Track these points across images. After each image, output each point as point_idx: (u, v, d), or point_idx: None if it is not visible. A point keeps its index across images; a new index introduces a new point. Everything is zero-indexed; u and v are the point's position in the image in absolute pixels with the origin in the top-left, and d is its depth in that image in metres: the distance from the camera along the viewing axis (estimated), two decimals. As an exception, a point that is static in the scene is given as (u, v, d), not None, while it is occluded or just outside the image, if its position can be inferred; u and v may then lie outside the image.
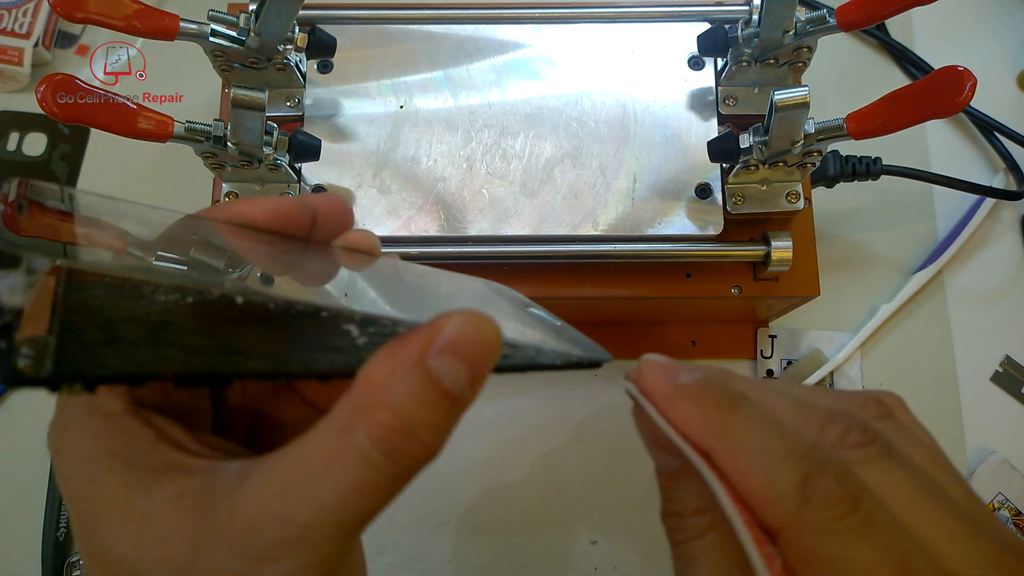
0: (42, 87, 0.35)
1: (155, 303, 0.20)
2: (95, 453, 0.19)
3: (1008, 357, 0.53)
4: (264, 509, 0.18)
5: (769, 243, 0.42)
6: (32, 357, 0.16)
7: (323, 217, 0.25)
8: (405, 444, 0.18)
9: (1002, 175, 0.56)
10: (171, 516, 0.18)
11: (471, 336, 0.18)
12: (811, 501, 0.18)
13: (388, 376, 0.18)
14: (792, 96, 0.36)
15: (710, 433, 0.20)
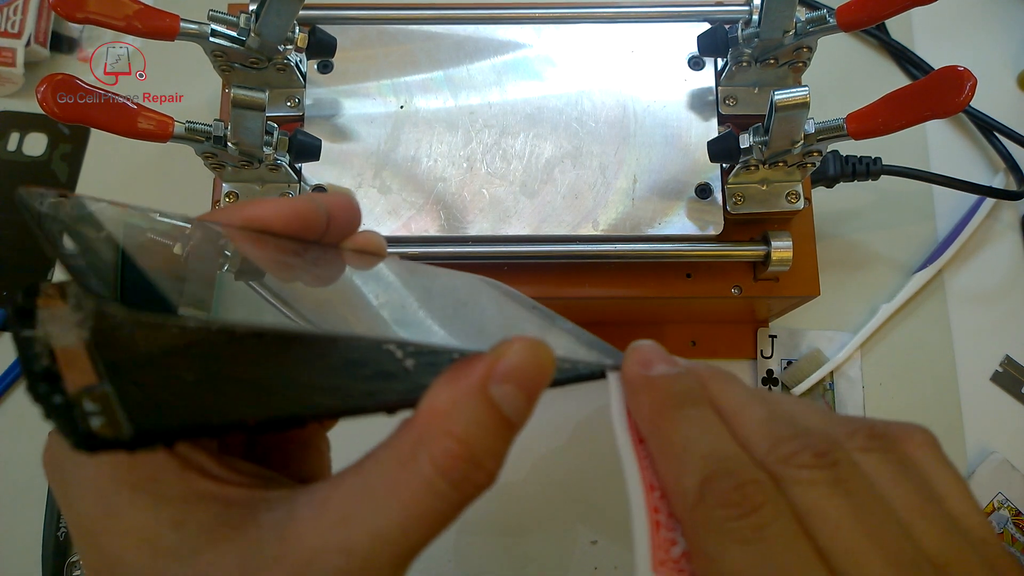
0: (42, 87, 0.35)
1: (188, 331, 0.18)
2: (113, 486, 0.18)
3: (1008, 357, 0.53)
4: (322, 540, 0.17)
5: (769, 243, 0.42)
6: (101, 413, 0.13)
7: (337, 217, 0.24)
8: (470, 472, 0.18)
9: (1002, 175, 0.56)
10: (209, 552, 0.17)
11: (530, 364, 0.19)
12: (705, 499, 0.18)
13: (452, 404, 0.18)
14: (792, 96, 0.36)
15: (649, 425, 0.21)
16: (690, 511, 0.19)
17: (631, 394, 0.22)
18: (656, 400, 0.21)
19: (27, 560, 0.47)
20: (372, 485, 0.18)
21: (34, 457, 0.49)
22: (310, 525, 0.17)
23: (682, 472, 0.19)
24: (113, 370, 0.15)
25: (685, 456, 0.20)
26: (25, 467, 0.49)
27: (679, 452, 0.20)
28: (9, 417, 0.51)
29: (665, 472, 0.20)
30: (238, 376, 0.17)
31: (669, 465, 0.20)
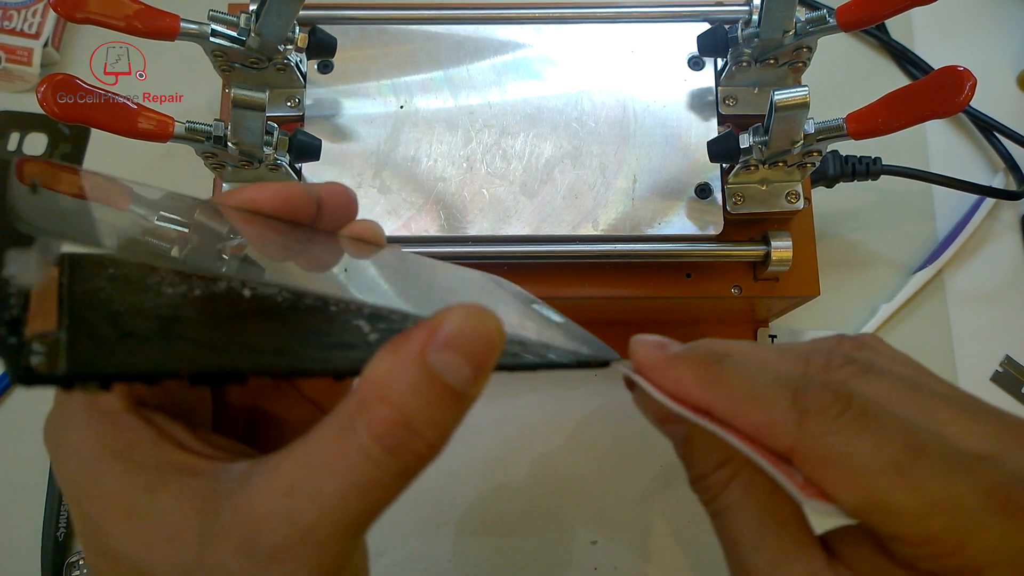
0: (42, 87, 0.35)
1: (163, 296, 0.19)
2: (97, 453, 0.19)
3: (1008, 357, 0.53)
4: (269, 509, 0.18)
5: (769, 243, 0.42)
6: (45, 354, 0.15)
7: (328, 204, 0.25)
8: (407, 440, 0.18)
9: (1002, 175, 0.56)
10: (177, 516, 0.18)
11: (473, 331, 0.18)
12: (806, 412, 0.19)
13: (389, 372, 0.18)
14: (792, 96, 0.36)
15: (704, 388, 0.21)
16: (798, 429, 0.19)
17: (665, 375, 0.22)
18: (697, 366, 0.22)
19: (27, 560, 0.47)
20: (316, 454, 0.18)
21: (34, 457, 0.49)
22: (259, 494, 0.18)
23: (769, 405, 0.20)
24: (75, 323, 0.17)
25: (761, 392, 0.20)
26: (25, 467, 0.49)
27: (752, 393, 0.20)
28: (9, 417, 0.51)
29: (751, 416, 0.20)
30: (191, 335, 0.18)
31: (751, 408, 0.20)
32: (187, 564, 0.18)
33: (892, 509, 0.18)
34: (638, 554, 0.48)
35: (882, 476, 0.18)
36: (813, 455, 0.19)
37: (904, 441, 0.19)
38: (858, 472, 0.18)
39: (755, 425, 0.20)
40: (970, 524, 0.18)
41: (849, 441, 0.19)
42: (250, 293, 0.21)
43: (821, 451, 0.19)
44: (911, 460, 0.18)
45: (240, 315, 0.20)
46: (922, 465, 0.18)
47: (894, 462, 0.18)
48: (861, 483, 0.18)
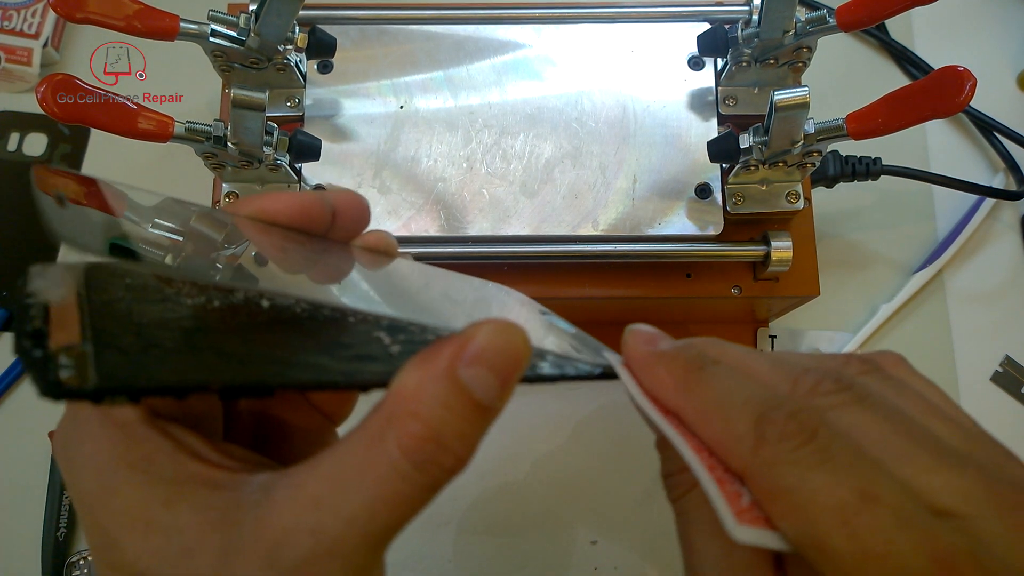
0: (42, 87, 0.35)
1: (182, 306, 0.19)
2: (111, 465, 0.19)
3: (1008, 357, 0.53)
4: (294, 522, 0.17)
5: (769, 243, 0.42)
6: (73, 367, 0.15)
7: (342, 214, 0.25)
8: (436, 454, 0.18)
9: (1002, 175, 0.56)
10: (195, 530, 0.18)
11: (501, 346, 0.19)
12: (765, 437, 0.19)
13: (419, 386, 0.18)
14: (792, 96, 0.36)
15: (678, 393, 0.21)
16: (753, 454, 0.19)
17: (646, 372, 0.22)
18: (676, 369, 0.21)
19: (27, 560, 0.47)
20: (342, 468, 0.18)
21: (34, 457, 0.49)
22: (284, 507, 0.18)
23: (731, 422, 0.19)
24: (98, 335, 0.16)
25: (728, 408, 0.20)
26: (25, 467, 0.49)
27: (720, 406, 0.20)
28: (9, 417, 0.51)
29: (712, 429, 0.20)
30: (217, 346, 0.18)
31: (714, 421, 0.20)
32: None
33: (828, 551, 0.17)
34: (638, 554, 0.48)
35: (824, 516, 0.17)
36: (763, 481, 0.19)
37: (859, 485, 0.17)
38: (802, 507, 0.18)
39: (714, 440, 0.20)
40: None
41: (802, 474, 0.18)
42: (268, 304, 0.21)
43: (770, 479, 0.18)
44: (860, 506, 0.17)
45: (260, 326, 0.20)
46: (869, 513, 0.17)
47: (841, 505, 0.17)
48: (803, 518, 0.18)
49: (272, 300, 0.21)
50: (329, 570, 0.17)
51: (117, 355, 0.16)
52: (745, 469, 0.19)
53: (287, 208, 0.23)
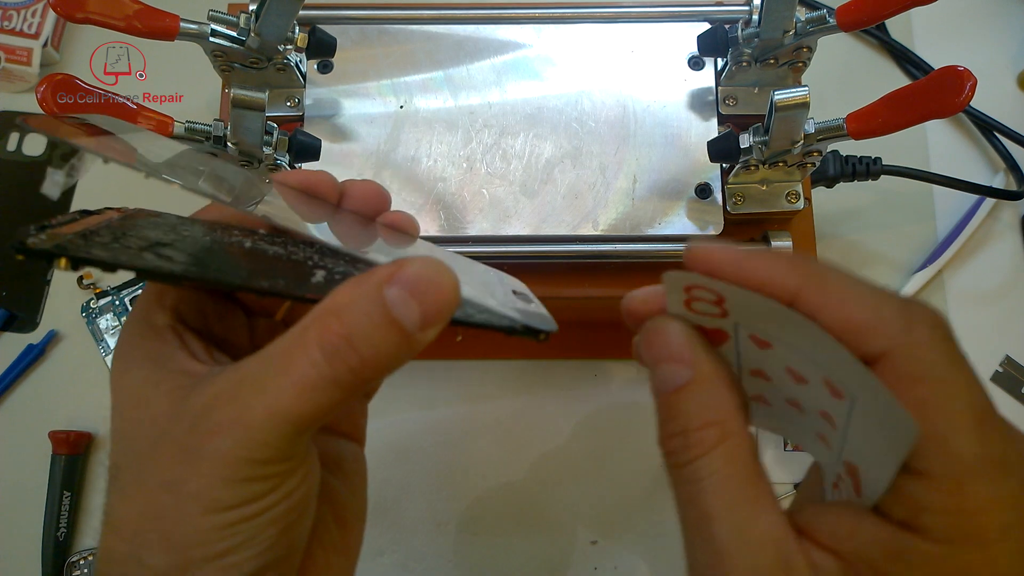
0: (42, 87, 0.35)
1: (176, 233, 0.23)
2: (134, 353, 0.23)
3: (1008, 357, 0.53)
4: (220, 392, 0.20)
5: (769, 243, 0.42)
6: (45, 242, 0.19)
7: (351, 195, 0.29)
8: (344, 350, 0.20)
9: (1002, 175, 0.56)
10: (162, 403, 0.21)
11: (428, 278, 0.20)
12: (917, 321, 0.19)
13: (347, 295, 0.20)
14: (792, 96, 0.36)
15: (797, 276, 0.20)
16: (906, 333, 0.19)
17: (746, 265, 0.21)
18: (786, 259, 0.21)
19: (27, 561, 0.47)
20: (269, 352, 0.21)
21: (34, 457, 0.49)
22: (217, 381, 0.21)
23: (874, 304, 0.19)
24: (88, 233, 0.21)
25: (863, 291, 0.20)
26: (25, 467, 0.49)
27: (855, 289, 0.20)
28: (9, 417, 0.51)
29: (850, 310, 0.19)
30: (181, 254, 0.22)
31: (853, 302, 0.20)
32: (156, 437, 0.21)
33: (950, 450, 0.18)
34: (638, 554, 0.48)
35: (964, 413, 0.18)
36: (911, 364, 0.19)
37: (987, 397, 0.19)
38: (946, 398, 0.18)
39: (854, 319, 0.19)
40: (1006, 497, 0.18)
41: (950, 368, 0.18)
42: (250, 244, 0.24)
43: (921, 363, 0.19)
44: (992, 416, 0.18)
45: (224, 254, 0.23)
46: (997, 426, 0.18)
47: (981, 409, 0.18)
48: (943, 409, 0.18)
49: (256, 244, 0.24)
50: (236, 434, 0.20)
51: (80, 240, 0.20)
52: (891, 349, 0.19)
53: (299, 178, 0.28)
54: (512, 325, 0.22)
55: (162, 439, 0.21)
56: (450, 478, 0.49)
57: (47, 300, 0.52)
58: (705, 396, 0.21)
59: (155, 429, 0.21)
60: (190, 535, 0.20)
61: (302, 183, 0.28)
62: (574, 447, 0.50)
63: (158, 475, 0.21)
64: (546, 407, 0.50)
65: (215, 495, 0.20)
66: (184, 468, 0.20)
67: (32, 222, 0.20)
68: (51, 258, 0.19)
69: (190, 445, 0.20)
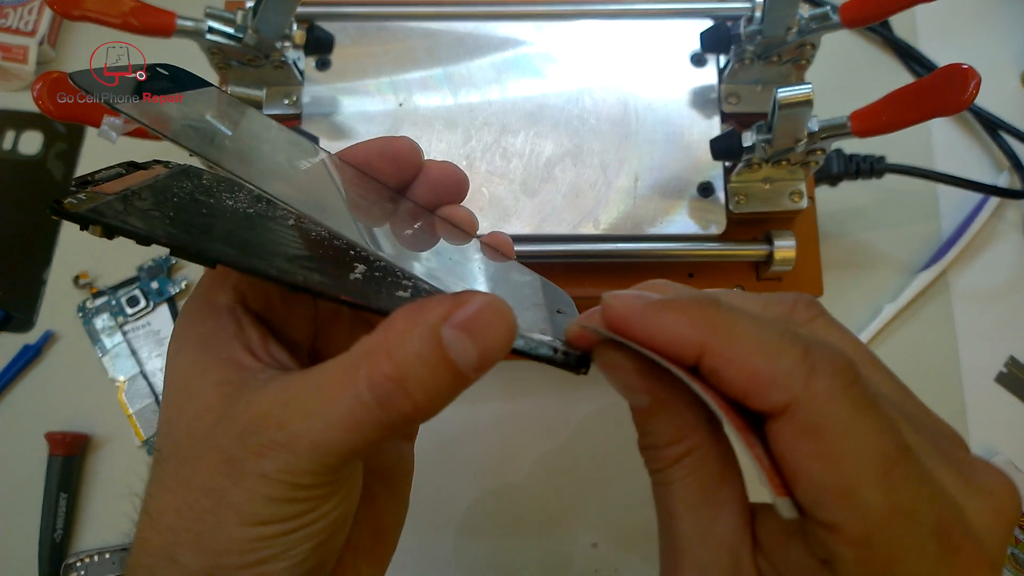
0: (38, 85, 0.35)
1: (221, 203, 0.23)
2: (189, 334, 0.23)
3: (1012, 358, 0.52)
4: (267, 411, 0.20)
5: (772, 242, 0.42)
6: (82, 203, 0.19)
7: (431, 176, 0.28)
8: (396, 396, 0.19)
9: (1006, 174, 0.55)
10: (209, 396, 0.21)
11: (488, 321, 0.20)
12: (817, 369, 0.18)
13: (403, 331, 0.20)
14: (795, 93, 0.36)
15: (701, 331, 0.20)
16: (804, 384, 0.18)
17: (652, 320, 0.21)
18: (691, 308, 0.20)
19: (24, 562, 0.47)
20: (320, 379, 0.20)
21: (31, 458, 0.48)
22: (267, 396, 0.20)
23: (775, 354, 0.19)
24: (130, 196, 0.20)
25: (770, 338, 0.19)
26: (22, 468, 0.49)
27: (761, 337, 0.19)
28: (6, 418, 0.50)
29: (753, 360, 0.19)
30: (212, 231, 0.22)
31: (753, 353, 0.19)
32: (199, 436, 0.21)
33: (856, 502, 0.17)
34: (639, 556, 0.47)
35: (867, 463, 0.17)
36: (809, 416, 0.18)
37: (896, 440, 0.18)
38: (847, 450, 0.17)
39: (755, 372, 0.19)
40: (915, 546, 0.17)
41: (851, 416, 0.18)
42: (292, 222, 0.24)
43: (819, 414, 0.18)
44: (898, 460, 0.17)
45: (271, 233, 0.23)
46: (904, 470, 0.17)
47: (884, 456, 0.17)
48: (844, 461, 0.17)
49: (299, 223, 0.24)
50: (279, 459, 0.20)
51: (120, 204, 0.20)
52: (792, 402, 0.18)
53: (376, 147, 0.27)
54: (552, 357, 0.22)
55: (207, 440, 0.21)
56: (449, 479, 0.49)
57: (43, 299, 0.52)
58: (666, 418, 0.22)
59: (199, 424, 0.21)
60: (224, 542, 0.20)
61: (384, 150, 0.27)
62: (574, 448, 0.49)
63: (199, 479, 0.20)
64: (546, 408, 0.50)
65: (255, 510, 0.20)
66: (227, 479, 0.20)
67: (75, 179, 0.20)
68: (86, 223, 0.19)
69: (235, 457, 0.20)
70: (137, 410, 0.50)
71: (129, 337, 0.51)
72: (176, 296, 0.52)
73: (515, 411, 0.50)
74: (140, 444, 0.49)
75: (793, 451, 0.18)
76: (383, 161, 0.27)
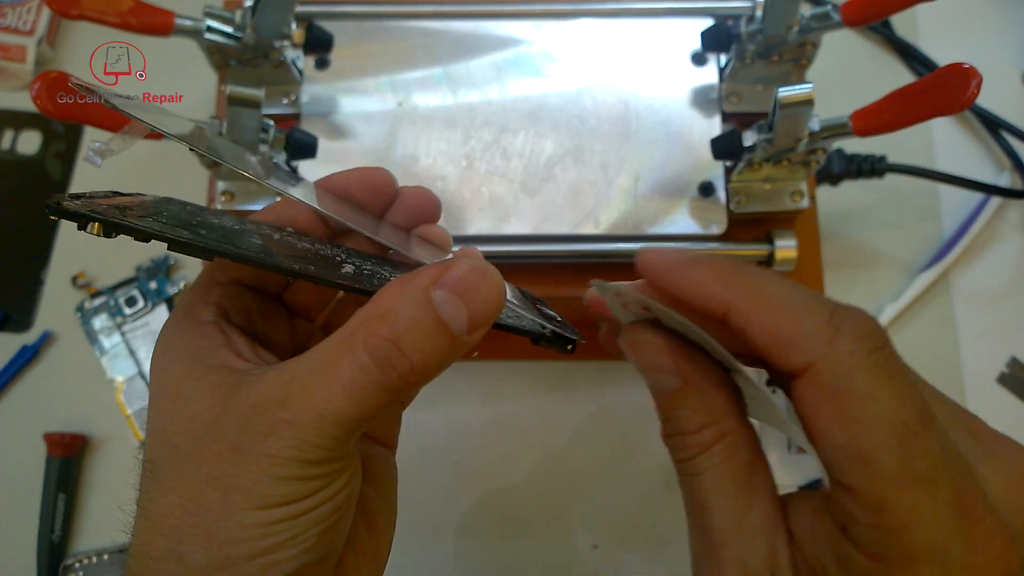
0: (36, 84, 0.35)
1: (209, 222, 0.23)
2: (176, 347, 0.23)
3: (1014, 359, 0.52)
4: (269, 394, 0.20)
5: (773, 242, 0.42)
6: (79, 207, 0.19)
7: (407, 200, 0.28)
8: (393, 355, 0.20)
9: (1008, 173, 0.55)
10: (205, 398, 0.21)
11: (476, 281, 0.21)
12: (841, 332, 0.18)
13: (394, 297, 0.20)
14: (796, 92, 0.36)
15: (729, 288, 0.20)
16: (827, 345, 0.18)
17: (684, 273, 0.21)
18: (722, 267, 0.21)
19: (22, 563, 0.47)
20: (317, 355, 0.21)
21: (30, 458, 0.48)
22: (265, 382, 0.21)
23: (801, 315, 0.19)
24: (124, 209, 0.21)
25: (796, 299, 0.19)
26: (21, 468, 0.49)
27: (788, 297, 0.20)
28: (3, 419, 0.50)
29: (776, 321, 0.19)
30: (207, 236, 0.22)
31: (779, 313, 0.19)
32: (199, 435, 0.21)
33: (873, 466, 0.17)
34: (640, 558, 0.47)
35: (886, 429, 0.17)
36: (831, 377, 0.18)
37: (921, 407, 0.18)
38: (867, 414, 0.18)
39: (780, 331, 0.19)
40: (930, 514, 0.17)
41: (875, 380, 0.18)
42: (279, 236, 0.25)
43: (840, 377, 0.18)
44: (919, 429, 0.17)
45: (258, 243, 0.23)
46: (926, 438, 0.18)
47: (905, 423, 0.17)
48: (864, 425, 0.18)
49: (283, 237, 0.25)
50: (287, 436, 0.20)
51: (117, 212, 0.20)
52: (813, 362, 0.19)
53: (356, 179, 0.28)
54: (542, 331, 0.23)
55: (208, 435, 0.21)
56: (449, 481, 0.48)
57: (41, 299, 0.52)
58: (697, 401, 0.22)
59: (197, 425, 0.21)
60: (234, 530, 0.20)
61: (361, 180, 0.28)
62: (575, 449, 0.49)
63: (204, 470, 0.21)
64: (546, 409, 0.50)
65: (264, 491, 0.20)
66: (233, 465, 0.20)
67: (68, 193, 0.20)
68: (86, 221, 0.19)
69: (240, 443, 0.20)
70: (136, 410, 0.49)
71: (127, 337, 0.51)
72: (174, 296, 0.52)
73: (515, 412, 0.49)
74: (139, 444, 0.49)
75: (813, 411, 0.18)
76: (361, 192, 0.28)
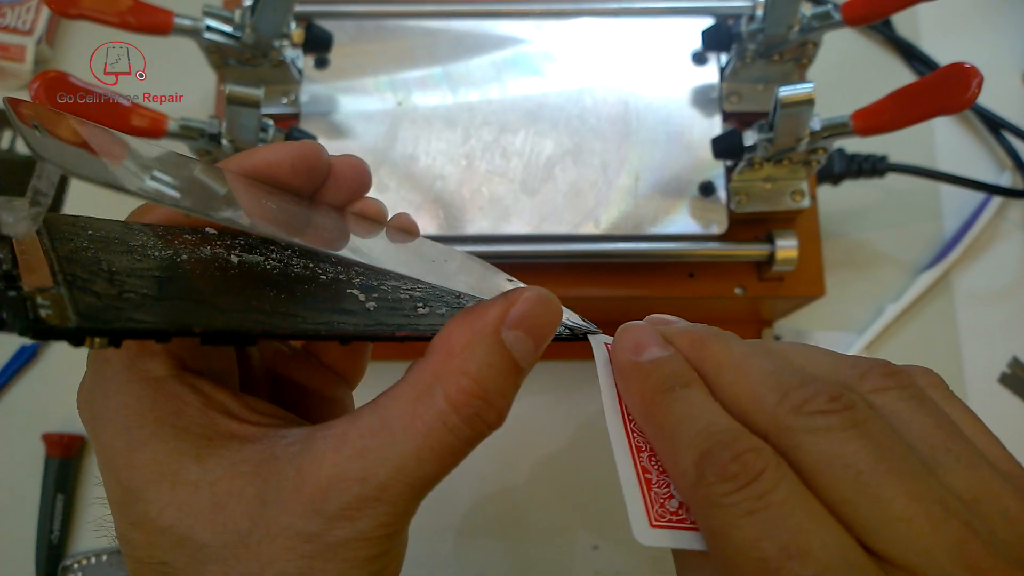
0: (35, 84, 0.35)
1: (151, 258, 0.19)
2: (139, 419, 0.19)
3: (1015, 359, 0.52)
4: (341, 471, 0.18)
5: (774, 242, 0.41)
6: (51, 307, 0.15)
7: (338, 172, 0.25)
8: (482, 410, 0.19)
9: (1009, 173, 0.55)
10: (229, 482, 0.18)
11: (541, 313, 0.20)
12: (704, 476, 0.18)
13: (467, 345, 0.19)
14: (797, 92, 0.36)
15: (641, 412, 0.22)
16: (691, 491, 0.18)
17: (622, 381, 0.23)
18: (645, 388, 0.21)
19: (21, 564, 0.47)
20: (389, 419, 0.19)
21: (28, 459, 0.48)
22: (328, 457, 0.18)
23: (678, 454, 0.19)
24: (70, 279, 0.16)
25: (678, 438, 0.20)
26: (19, 469, 0.48)
27: (672, 435, 0.20)
28: (1, 420, 0.50)
29: (663, 457, 0.20)
30: (193, 295, 0.19)
31: (665, 449, 0.20)
32: (240, 528, 0.18)
33: None
34: (640, 559, 0.47)
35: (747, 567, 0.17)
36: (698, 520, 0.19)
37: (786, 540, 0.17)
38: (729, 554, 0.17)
39: (666, 467, 0.20)
40: None
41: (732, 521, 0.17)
42: (237, 260, 0.21)
43: (703, 520, 0.18)
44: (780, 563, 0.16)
45: (233, 280, 0.20)
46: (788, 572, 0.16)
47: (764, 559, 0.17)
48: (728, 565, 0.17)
49: (240, 257, 0.21)
50: (375, 514, 0.18)
51: (93, 298, 0.16)
52: (686, 503, 0.19)
53: (287, 156, 0.24)
54: (559, 335, 0.23)
55: (260, 528, 0.18)
56: (448, 482, 0.48)
57: (42, 300, 0.52)
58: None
59: (231, 520, 0.18)
60: None
61: (295, 163, 0.24)
62: (575, 450, 0.49)
63: (274, 568, 0.18)
64: (546, 409, 0.50)
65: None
66: (315, 558, 0.18)
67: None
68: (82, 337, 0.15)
69: (315, 532, 0.18)
70: (135, 411, 0.49)
71: (127, 338, 0.51)
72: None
73: (514, 413, 0.49)
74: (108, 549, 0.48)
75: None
76: (295, 175, 0.24)
